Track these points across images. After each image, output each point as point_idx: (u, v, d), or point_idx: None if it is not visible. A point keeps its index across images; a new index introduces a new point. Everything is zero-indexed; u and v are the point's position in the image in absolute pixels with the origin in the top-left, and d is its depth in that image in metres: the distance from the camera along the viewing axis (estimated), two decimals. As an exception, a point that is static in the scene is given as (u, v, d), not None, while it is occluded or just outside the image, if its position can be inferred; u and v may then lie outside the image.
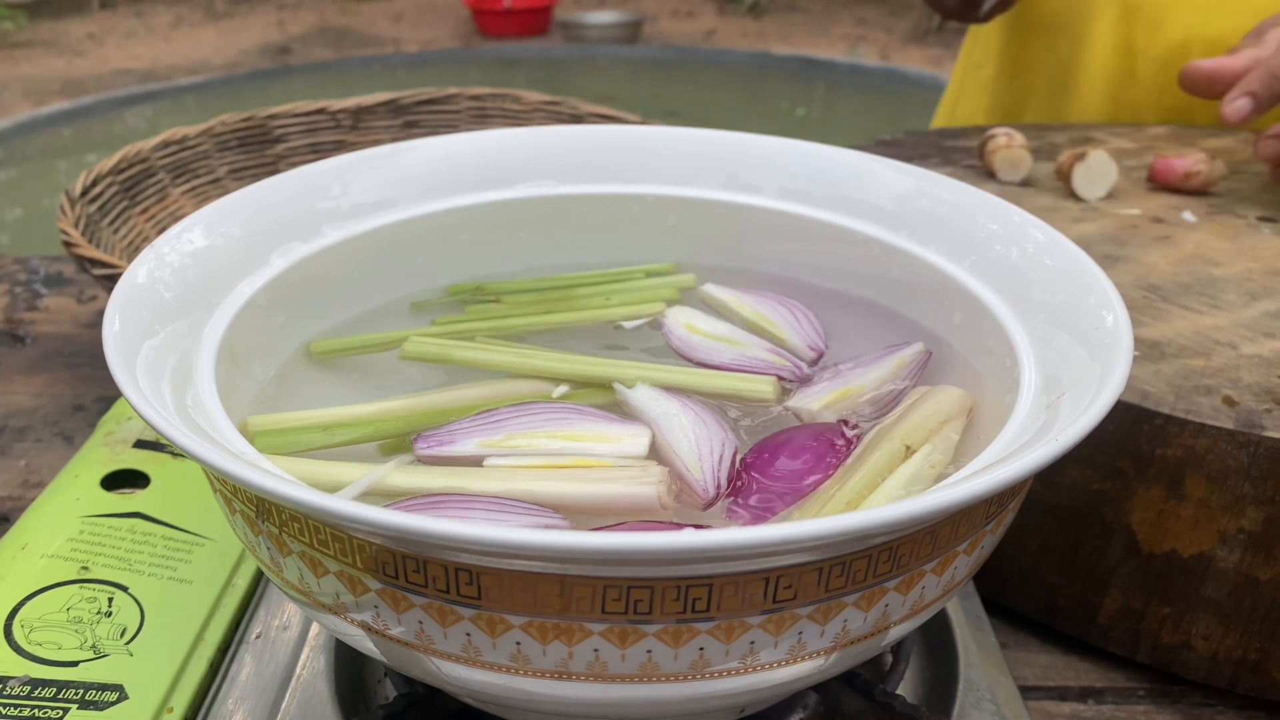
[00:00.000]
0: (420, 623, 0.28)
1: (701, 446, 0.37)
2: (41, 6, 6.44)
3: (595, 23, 6.29)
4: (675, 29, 6.50)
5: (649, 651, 0.27)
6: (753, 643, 0.28)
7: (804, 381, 0.43)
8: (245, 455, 0.31)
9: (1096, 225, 0.66)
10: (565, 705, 0.30)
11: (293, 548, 0.29)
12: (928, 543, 0.28)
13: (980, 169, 0.75)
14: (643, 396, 0.40)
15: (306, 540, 0.28)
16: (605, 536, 0.24)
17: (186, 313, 0.37)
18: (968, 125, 0.93)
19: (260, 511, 0.29)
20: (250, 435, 0.37)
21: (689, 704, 0.30)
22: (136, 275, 0.36)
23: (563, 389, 0.42)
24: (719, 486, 0.36)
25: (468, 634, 0.28)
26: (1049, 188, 0.72)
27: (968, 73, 1.14)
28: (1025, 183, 0.73)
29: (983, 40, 1.12)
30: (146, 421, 0.28)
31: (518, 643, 0.28)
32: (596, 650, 0.27)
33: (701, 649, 0.28)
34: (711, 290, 0.49)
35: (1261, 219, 0.68)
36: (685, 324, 0.46)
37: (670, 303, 0.49)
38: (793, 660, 0.29)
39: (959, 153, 0.79)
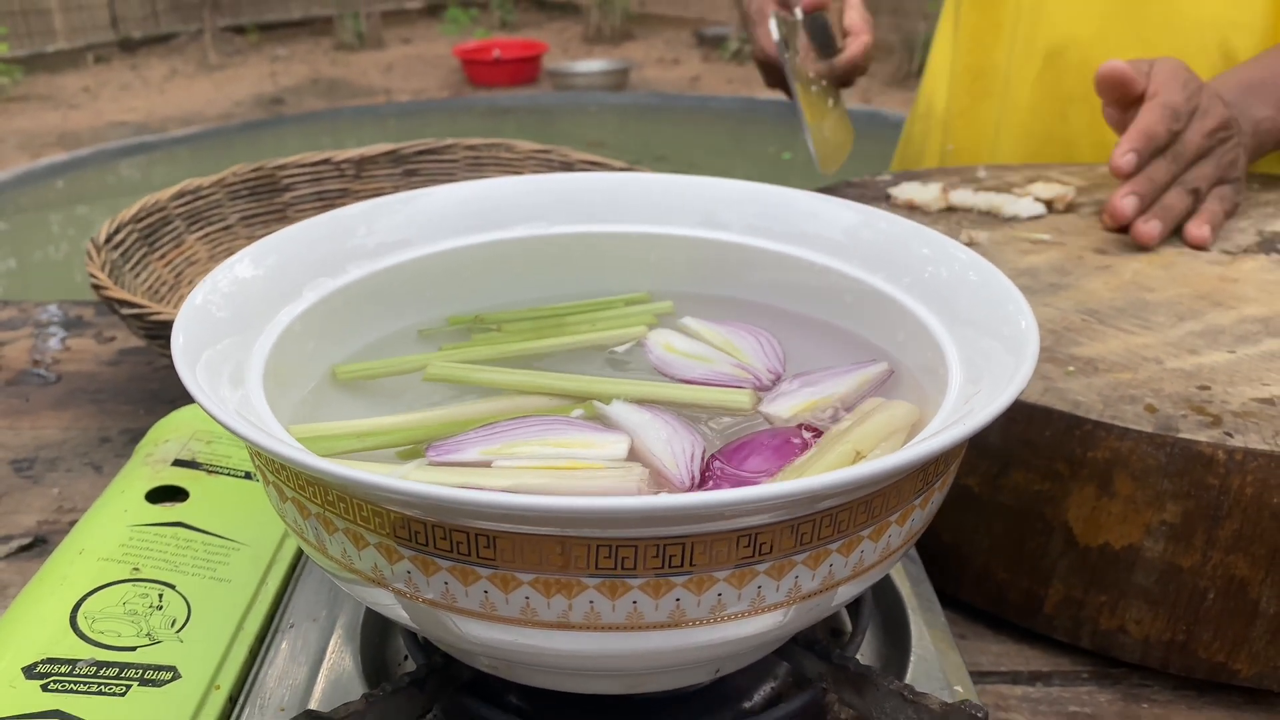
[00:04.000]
0: (446, 584, 0.34)
1: (675, 447, 0.42)
2: (37, 60, 6.52)
3: (583, 71, 6.37)
4: (661, 76, 6.59)
5: (634, 603, 0.33)
6: (720, 595, 0.33)
7: (772, 391, 0.49)
8: (299, 447, 0.36)
9: (1044, 257, 0.72)
10: (566, 657, 0.35)
11: (338, 525, 0.35)
12: (863, 511, 0.34)
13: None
14: (619, 410, 0.46)
15: (351, 518, 0.34)
16: (599, 499, 0.30)
17: (236, 332, 0.43)
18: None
19: (309, 495, 0.35)
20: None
21: (670, 655, 0.35)
22: (195, 299, 0.42)
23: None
24: (693, 477, 0.41)
25: (485, 591, 0.33)
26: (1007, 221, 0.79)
27: (914, 121, 1.22)
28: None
29: (924, 91, 1.20)
30: (221, 423, 0.33)
31: (527, 597, 0.33)
32: (591, 602, 0.33)
33: (678, 600, 0.33)
34: (688, 322, 0.54)
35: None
36: (664, 344, 0.52)
37: (652, 326, 0.54)
38: (754, 612, 0.34)
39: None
